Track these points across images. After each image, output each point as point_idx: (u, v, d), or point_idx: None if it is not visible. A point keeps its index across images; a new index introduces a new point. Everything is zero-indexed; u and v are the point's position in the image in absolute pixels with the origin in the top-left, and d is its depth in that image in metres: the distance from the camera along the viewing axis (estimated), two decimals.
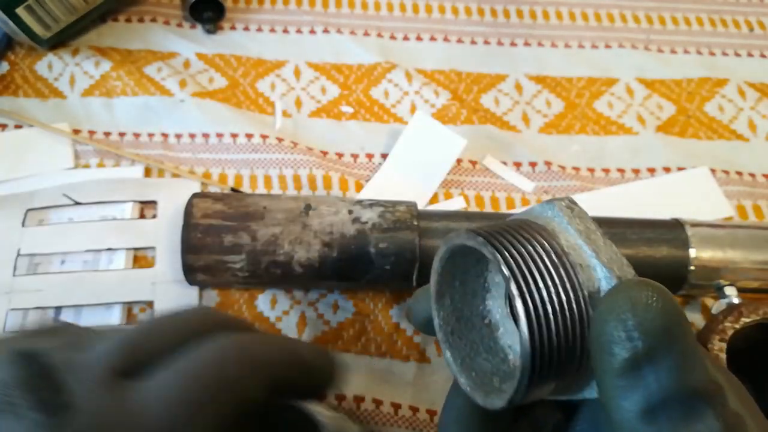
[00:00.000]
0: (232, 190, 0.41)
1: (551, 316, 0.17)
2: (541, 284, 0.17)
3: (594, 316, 0.16)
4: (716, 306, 0.34)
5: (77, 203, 0.39)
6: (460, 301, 0.21)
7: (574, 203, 0.19)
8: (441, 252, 0.20)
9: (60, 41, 0.46)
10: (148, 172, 0.41)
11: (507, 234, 0.18)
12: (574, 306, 0.17)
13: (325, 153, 0.43)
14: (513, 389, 0.17)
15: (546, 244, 0.18)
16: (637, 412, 0.15)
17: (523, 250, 0.17)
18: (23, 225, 0.38)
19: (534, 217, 0.19)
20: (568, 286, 0.17)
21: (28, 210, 0.39)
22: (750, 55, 0.50)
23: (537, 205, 0.19)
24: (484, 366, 0.19)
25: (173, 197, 0.40)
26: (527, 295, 0.17)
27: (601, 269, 0.17)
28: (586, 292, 0.17)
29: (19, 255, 0.37)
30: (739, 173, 0.43)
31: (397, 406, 0.34)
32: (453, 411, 0.22)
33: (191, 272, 0.34)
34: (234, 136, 0.43)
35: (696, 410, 0.15)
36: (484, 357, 0.20)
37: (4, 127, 0.43)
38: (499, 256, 0.17)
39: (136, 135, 0.43)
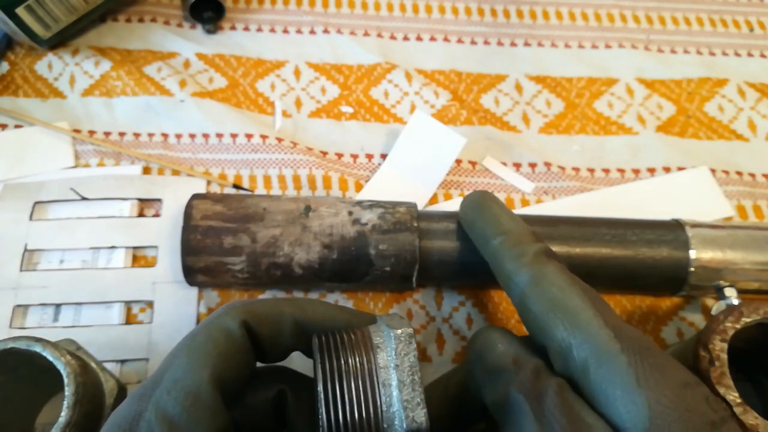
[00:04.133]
0: (235, 187, 0.41)
1: (343, 420, 0.20)
2: (345, 389, 0.21)
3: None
4: (716, 307, 0.34)
5: (84, 198, 0.39)
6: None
7: (411, 338, 0.22)
8: (313, 342, 0.24)
9: (60, 41, 0.46)
10: (147, 171, 0.41)
11: (339, 339, 0.22)
12: (371, 415, 0.20)
13: (324, 153, 0.43)
14: None
15: (365, 360, 0.21)
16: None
17: (343, 359, 0.21)
18: (31, 218, 0.38)
19: (375, 331, 0.22)
20: (369, 396, 0.20)
21: (36, 203, 0.39)
22: (750, 55, 0.50)
23: (386, 323, 0.22)
24: None
25: (178, 196, 0.40)
26: (330, 398, 0.20)
27: (398, 405, 0.20)
28: (384, 410, 0.20)
29: (26, 250, 0.37)
30: (739, 173, 0.43)
31: None
32: None
33: (191, 274, 0.34)
34: (234, 136, 0.43)
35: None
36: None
37: (4, 126, 0.43)
38: (321, 362, 0.21)
39: (136, 135, 0.43)
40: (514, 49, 0.49)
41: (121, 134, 0.43)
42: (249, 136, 0.42)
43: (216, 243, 0.33)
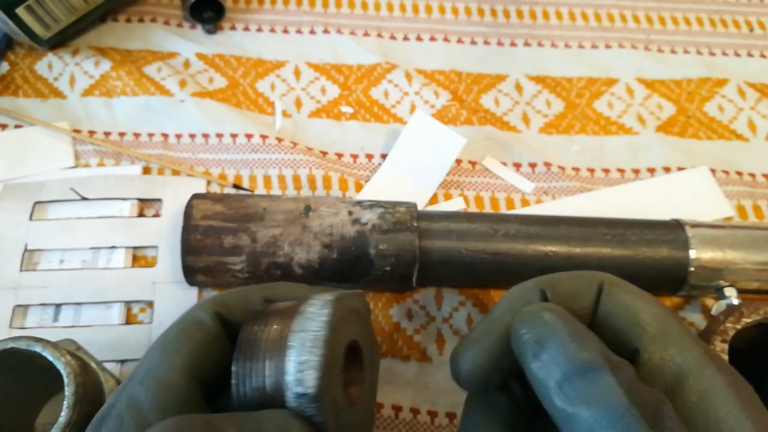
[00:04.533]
0: (235, 187, 0.41)
1: (249, 392, 0.21)
2: (256, 349, 0.21)
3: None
4: (716, 307, 0.34)
5: (84, 198, 0.39)
6: None
7: (326, 305, 0.22)
8: None
9: (60, 41, 0.46)
10: (147, 171, 0.41)
11: (275, 312, 0.23)
12: (272, 375, 0.21)
13: (324, 153, 0.43)
14: None
15: (284, 323, 0.22)
16: (551, 387, 0.18)
17: (265, 329, 0.22)
18: (30, 218, 0.38)
19: (308, 301, 0.23)
20: (274, 362, 0.21)
21: (36, 203, 0.39)
22: (750, 55, 0.50)
23: (318, 298, 0.22)
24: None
25: (178, 196, 0.40)
26: (237, 370, 0.21)
27: (293, 368, 0.20)
28: (283, 376, 0.21)
29: (26, 250, 0.37)
30: (739, 173, 0.43)
31: (398, 409, 0.34)
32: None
33: (191, 273, 0.34)
34: (234, 136, 0.43)
35: (595, 376, 0.18)
36: None
37: (4, 126, 0.43)
38: (244, 330, 0.22)
39: (136, 135, 0.43)
40: (514, 49, 0.49)
41: (121, 134, 0.43)
42: (249, 136, 0.42)
43: (216, 243, 0.33)
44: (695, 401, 0.19)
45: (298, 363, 0.20)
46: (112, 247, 0.38)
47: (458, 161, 0.43)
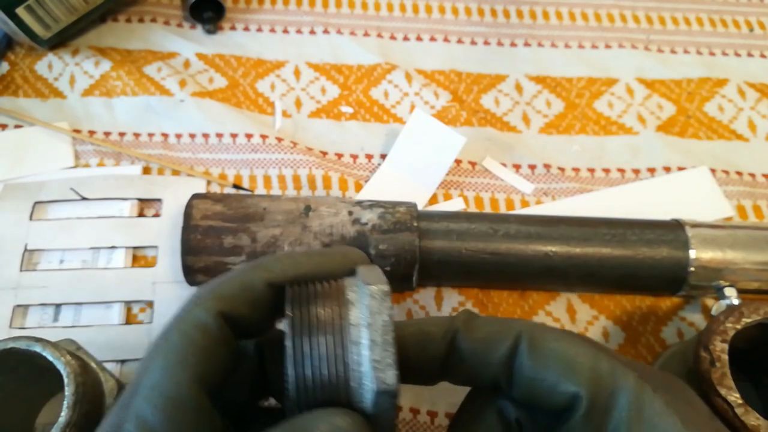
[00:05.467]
0: (235, 187, 0.41)
1: (312, 376, 0.20)
2: (310, 347, 0.20)
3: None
4: (716, 307, 0.34)
5: (84, 198, 0.39)
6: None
7: (386, 296, 0.21)
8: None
9: (60, 41, 0.46)
10: (147, 171, 0.41)
11: (311, 291, 0.21)
12: (340, 376, 0.20)
13: (324, 153, 0.43)
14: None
15: (337, 316, 0.20)
16: None
17: (314, 315, 0.20)
18: (30, 218, 0.38)
19: (350, 285, 0.21)
20: (340, 353, 0.20)
21: (36, 203, 0.39)
22: (750, 55, 0.50)
23: (363, 277, 0.21)
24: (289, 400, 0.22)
25: (178, 196, 0.40)
26: (295, 353, 0.20)
27: (368, 365, 0.19)
28: (353, 368, 0.20)
29: (26, 250, 0.37)
30: (739, 173, 0.43)
31: (397, 409, 0.34)
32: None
33: (191, 273, 0.34)
34: (234, 136, 0.43)
35: None
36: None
37: (4, 126, 0.43)
38: (291, 315, 0.20)
39: (136, 135, 0.43)
40: (514, 49, 0.49)
41: (121, 134, 0.43)
42: (249, 136, 0.42)
43: (216, 243, 0.33)
44: (642, 430, 0.19)
45: (375, 360, 0.19)
46: (112, 247, 0.38)
47: (458, 162, 0.43)
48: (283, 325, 0.22)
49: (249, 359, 0.23)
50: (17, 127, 0.43)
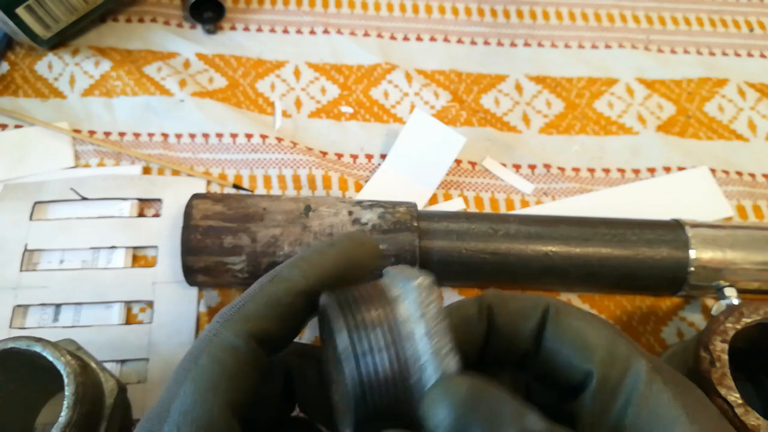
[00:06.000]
0: (235, 187, 0.41)
1: (373, 375, 0.19)
2: (370, 345, 0.19)
3: (418, 414, 0.19)
4: (716, 307, 0.34)
5: (84, 198, 0.39)
6: (331, 351, 0.22)
7: (432, 287, 0.20)
8: (320, 303, 0.22)
9: (60, 41, 0.46)
10: (147, 171, 0.41)
11: (356, 299, 0.20)
12: (399, 372, 0.19)
13: (324, 153, 0.43)
14: (349, 427, 0.20)
15: (386, 314, 0.20)
16: None
17: (361, 316, 0.20)
18: (30, 218, 0.38)
19: (389, 284, 0.21)
20: (395, 352, 0.19)
21: (36, 203, 0.39)
22: (750, 55, 0.50)
23: (403, 276, 0.21)
24: (342, 404, 0.21)
25: (178, 196, 0.40)
26: (352, 353, 0.19)
27: (428, 356, 0.19)
28: (412, 363, 0.19)
29: (26, 250, 0.37)
30: (739, 173, 0.43)
31: None
32: None
33: (191, 273, 0.34)
34: (234, 136, 0.43)
35: None
36: (342, 398, 0.21)
37: (4, 126, 0.43)
38: (339, 317, 0.20)
39: (136, 135, 0.43)
40: (514, 50, 0.49)
41: (121, 134, 0.43)
42: (249, 136, 0.42)
43: (216, 243, 0.33)
44: (646, 419, 0.20)
45: (435, 350, 0.19)
46: (112, 247, 0.38)
47: (458, 162, 0.43)
48: (323, 333, 0.22)
49: (275, 377, 0.23)
50: (17, 127, 0.43)
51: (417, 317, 0.20)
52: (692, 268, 0.34)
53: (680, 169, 0.43)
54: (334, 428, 0.22)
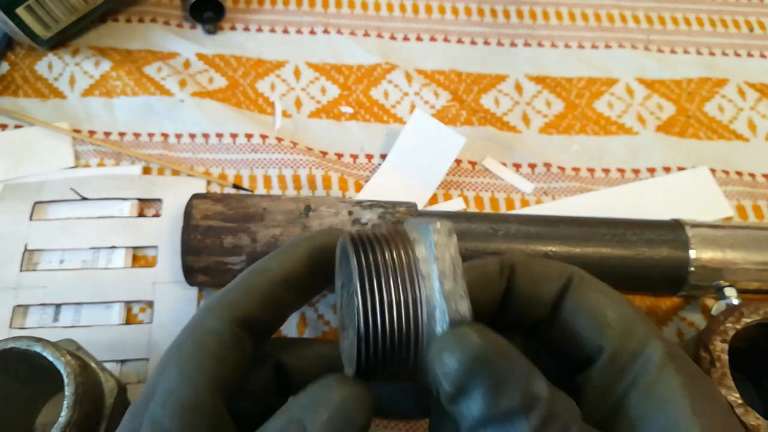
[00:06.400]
0: (235, 187, 0.41)
1: (386, 310, 0.19)
2: (383, 280, 0.19)
3: (427, 356, 0.19)
4: (716, 307, 0.34)
5: (84, 198, 0.39)
6: (346, 293, 0.22)
7: (452, 232, 0.20)
8: (337, 249, 0.22)
9: (60, 41, 0.46)
10: (147, 171, 0.41)
11: (373, 238, 0.20)
12: (410, 308, 0.19)
13: (324, 153, 0.43)
14: (353, 371, 0.20)
15: (402, 252, 0.20)
16: (465, 429, 0.17)
17: (378, 251, 0.20)
18: (30, 218, 0.38)
19: (408, 229, 0.21)
20: (408, 288, 0.19)
21: (36, 203, 0.39)
22: (750, 55, 0.50)
23: (423, 221, 0.21)
24: (352, 348, 0.21)
25: (178, 196, 0.40)
26: (367, 288, 0.19)
27: (439, 297, 0.19)
28: (424, 301, 0.19)
29: (26, 250, 0.37)
30: (739, 173, 0.43)
31: None
32: None
33: (191, 273, 0.34)
34: (234, 136, 0.43)
35: (512, 425, 0.17)
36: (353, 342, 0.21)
37: (4, 126, 0.43)
38: (352, 248, 0.20)
39: (136, 135, 0.43)
40: (514, 49, 0.49)
41: (121, 134, 0.43)
42: (249, 136, 0.42)
43: (216, 243, 0.33)
44: (649, 402, 0.19)
45: (447, 292, 0.19)
46: (112, 247, 0.38)
47: (458, 161, 0.43)
48: (338, 274, 0.22)
49: (264, 367, 0.23)
50: (17, 127, 0.43)
51: (432, 259, 0.19)
52: (692, 268, 0.34)
53: (680, 169, 0.43)
54: None
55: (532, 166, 0.43)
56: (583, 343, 0.21)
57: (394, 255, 0.20)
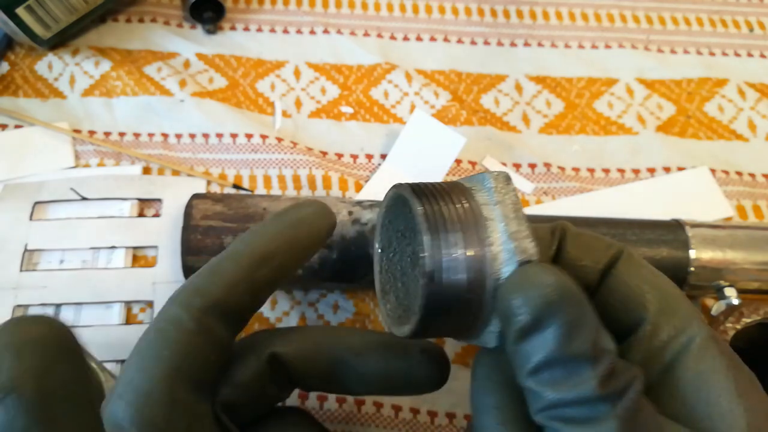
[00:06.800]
0: (235, 187, 0.41)
1: (451, 256, 0.19)
2: (448, 223, 0.19)
3: (499, 291, 0.19)
4: (716, 307, 0.34)
5: (84, 198, 0.39)
6: (398, 247, 0.22)
7: (509, 179, 0.20)
8: (384, 200, 0.22)
9: (60, 41, 0.46)
10: (147, 171, 0.41)
11: (431, 186, 0.20)
12: (478, 252, 0.19)
13: (324, 153, 0.43)
14: (414, 323, 0.19)
15: (462, 198, 0.20)
16: (527, 369, 0.18)
17: (438, 198, 0.20)
18: (30, 218, 0.38)
19: (464, 181, 0.21)
20: (474, 232, 0.19)
21: (36, 203, 0.39)
22: (750, 55, 0.50)
23: (474, 175, 0.21)
24: (405, 302, 0.21)
25: (178, 196, 0.40)
26: (432, 229, 0.19)
27: (505, 238, 0.19)
28: (489, 243, 0.19)
29: (26, 250, 0.37)
30: (739, 173, 0.43)
31: (398, 408, 0.34)
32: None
33: (191, 273, 0.34)
34: (234, 136, 0.43)
35: (577, 371, 0.17)
36: (407, 295, 0.21)
37: (4, 126, 0.43)
38: (415, 198, 0.20)
39: (136, 135, 0.43)
40: (514, 50, 0.49)
41: (121, 134, 0.43)
42: (249, 136, 0.42)
43: (216, 243, 0.33)
44: (691, 379, 0.19)
45: (513, 233, 0.19)
46: (112, 247, 0.38)
47: (458, 161, 0.43)
48: (383, 229, 0.21)
49: (251, 359, 0.23)
50: (17, 127, 0.43)
51: (494, 203, 0.20)
52: (692, 268, 0.34)
53: (680, 169, 0.43)
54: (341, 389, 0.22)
55: (532, 166, 0.43)
56: (625, 314, 0.21)
57: (456, 203, 0.20)
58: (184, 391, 0.20)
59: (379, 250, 0.23)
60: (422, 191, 0.20)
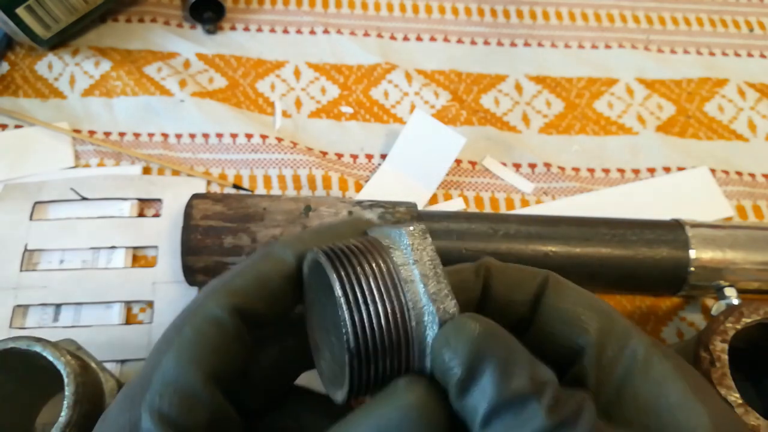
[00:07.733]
0: (235, 187, 0.41)
1: (374, 322, 0.18)
2: (366, 291, 0.19)
3: (430, 353, 0.19)
4: (716, 307, 0.34)
5: (84, 198, 0.39)
6: (327, 303, 0.21)
7: (425, 233, 0.20)
8: (305, 263, 0.21)
9: (60, 41, 0.46)
10: (147, 171, 0.41)
11: (347, 250, 0.20)
12: (398, 315, 0.19)
13: (324, 153, 0.43)
14: (345, 393, 0.19)
15: (380, 260, 0.19)
16: (478, 423, 0.17)
17: (355, 262, 0.19)
18: (30, 218, 0.38)
19: (378, 237, 0.21)
20: (393, 295, 0.19)
21: (36, 203, 0.39)
22: (750, 55, 0.50)
23: (392, 227, 0.21)
24: (341, 359, 0.20)
25: (178, 196, 0.40)
26: (351, 301, 0.18)
27: (426, 299, 0.19)
28: (410, 307, 0.19)
29: (26, 250, 0.37)
30: (739, 173, 0.43)
31: None
32: None
33: (191, 273, 0.34)
34: (234, 136, 0.43)
35: (523, 408, 0.17)
36: (341, 350, 0.20)
37: (4, 126, 0.43)
38: (330, 266, 0.19)
39: (136, 135, 0.43)
40: (514, 49, 0.49)
41: (121, 134, 0.43)
42: (249, 136, 0.42)
43: (216, 243, 0.33)
44: (647, 390, 0.19)
45: (432, 293, 0.19)
46: (112, 247, 0.38)
47: (458, 161, 0.43)
48: (307, 292, 0.21)
49: (267, 352, 0.23)
50: (17, 127, 0.43)
51: (412, 262, 0.19)
52: (692, 268, 0.34)
53: (680, 169, 0.43)
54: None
55: (532, 166, 0.43)
56: (565, 341, 0.21)
57: (372, 264, 0.19)
58: (220, 394, 0.19)
59: (309, 308, 0.23)
60: (337, 255, 0.19)
